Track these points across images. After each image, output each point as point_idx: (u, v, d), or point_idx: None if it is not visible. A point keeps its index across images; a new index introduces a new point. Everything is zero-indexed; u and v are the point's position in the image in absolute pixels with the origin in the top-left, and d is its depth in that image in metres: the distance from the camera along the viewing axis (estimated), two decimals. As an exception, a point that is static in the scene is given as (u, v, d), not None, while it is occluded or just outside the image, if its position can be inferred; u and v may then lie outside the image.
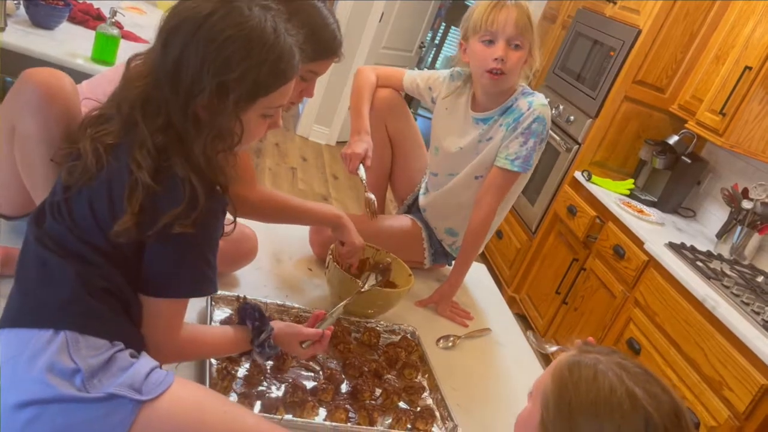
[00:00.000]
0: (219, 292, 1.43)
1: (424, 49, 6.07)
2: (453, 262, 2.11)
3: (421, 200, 2.02)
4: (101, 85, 1.42)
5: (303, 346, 1.25)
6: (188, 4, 0.98)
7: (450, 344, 1.69)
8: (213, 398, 1.03)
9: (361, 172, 1.79)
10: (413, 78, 1.98)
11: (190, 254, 1.02)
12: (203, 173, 0.98)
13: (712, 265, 2.52)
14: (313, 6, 1.40)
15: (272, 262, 1.76)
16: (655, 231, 2.81)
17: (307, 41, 1.39)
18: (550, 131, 3.58)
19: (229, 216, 1.10)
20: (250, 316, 1.19)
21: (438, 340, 1.68)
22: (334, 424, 1.22)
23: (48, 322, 0.95)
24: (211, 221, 1.02)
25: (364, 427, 1.25)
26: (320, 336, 1.26)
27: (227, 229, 1.10)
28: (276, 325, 1.22)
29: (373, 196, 1.81)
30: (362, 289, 1.54)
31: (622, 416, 0.84)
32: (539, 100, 1.80)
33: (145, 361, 0.98)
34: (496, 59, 1.70)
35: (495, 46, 1.71)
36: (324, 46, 1.42)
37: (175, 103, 0.98)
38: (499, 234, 3.96)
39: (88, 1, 2.92)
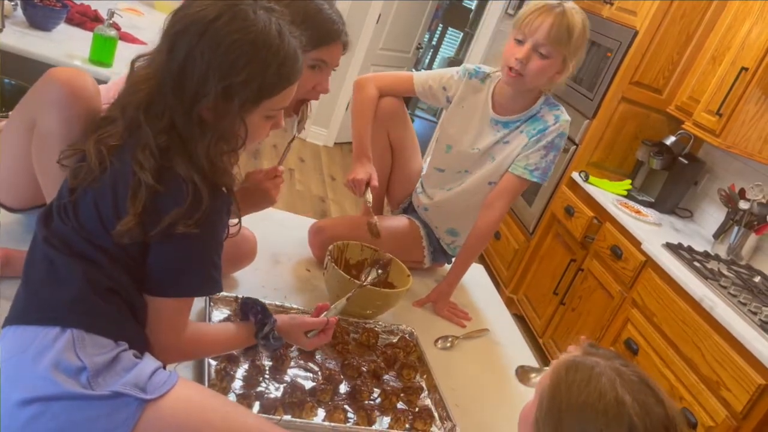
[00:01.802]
0: (220, 293, 1.44)
1: (421, 50, 6.07)
2: (452, 260, 2.12)
3: (423, 199, 2.02)
4: (111, 91, 1.42)
5: (308, 335, 1.26)
6: (193, 8, 0.99)
7: (448, 345, 1.69)
8: (215, 398, 1.04)
9: (368, 195, 1.79)
10: (424, 80, 1.94)
11: (195, 254, 1.02)
12: (206, 174, 0.99)
13: (709, 266, 2.53)
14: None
15: (271, 263, 1.76)
16: (652, 231, 2.82)
17: (305, 28, 1.40)
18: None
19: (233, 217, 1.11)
20: (252, 309, 1.19)
21: (436, 341, 1.68)
22: (332, 424, 1.22)
23: (54, 319, 0.95)
24: (215, 221, 1.02)
25: (363, 427, 1.25)
26: (325, 324, 1.27)
27: (232, 230, 1.11)
28: (279, 318, 1.23)
29: (376, 220, 1.80)
30: (363, 284, 1.54)
31: (606, 423, 0.84)
32: (565, 115, 1.83)
33: (149, 362, 0.99)
34: (516, 59, 1.71)
35: (521, 47, 1.72)
36: (323, 30, 1.42)
37: (179, 106, 0.98)
38: (497, 235, 3.97)
39: (85, 3, 2.91)
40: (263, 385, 1.27)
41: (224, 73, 0.97)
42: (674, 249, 2.60)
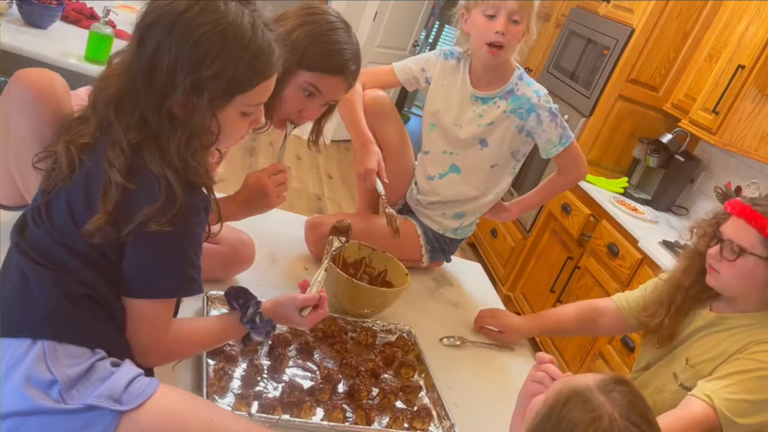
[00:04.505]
0: (215, 292, 1.43)
1: (418, 47, 6.06)
2: (451, 258, 2.11)
3: (428, 195, 2.00)
4: (82, 95, 1.41)
5: (302, 314, 1.20)
6: (164, 1, 0.97)
7: (458, 343, 1.69)
8: (198, 407, 1.00)
9: (379, 186, 1.77)
10: (403, 66, 1.98)
11: (170, 253, 1.00)
12: (180, 171, 0.97)
13: (705, 263, 2.53)
14: (328, 22, 1.40)
15: (268, 261, 1.75)
16: (649, 229, 2.82)
17: (310, 48, 1.37)
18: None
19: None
20: (234, 296, 1.15)
21: (442, 338, 1.68)
22: (331, 423, 1.22)
23: (26, 331, 0.93)
24: (191, 219, 0.99)
25: (362, 426, 1.25)
26: (318, 300, 1.21)
27: (214, 229, 1.08)
28: (268, 300, 1.19)
29: (394, 212, 1.79)
30: (333, 251, 1.51)
31: None
32: (543, 89, 1.89)
33: (127, 370, 0.96)
34: (497, 32, 1.75)
35: (496, 20, 1.75)
36: (327, 58, 1.39)
37: (150, 101, 0.96)
38: (493, 233, 3.97)
39: (81, 0, 2.90)
40: (262, 384, 1.26)
41: (193, 66, 0.94)
42: (671, 247, 2.61)
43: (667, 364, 1.52)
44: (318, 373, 1.36)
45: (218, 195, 1.15)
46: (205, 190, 1.02)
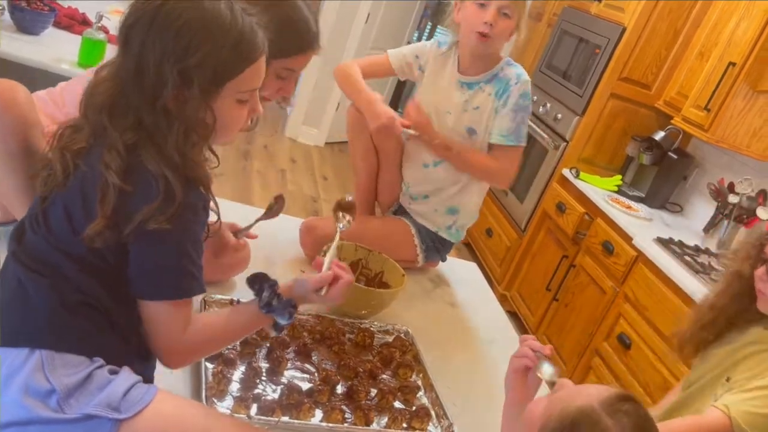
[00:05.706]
0: (214, 296, 1.44)
1: (410, 48, 6.09)
2: (446, 258, 2.12)
3: (417, 188, 2.00)
4: (42, 101, 1.39)
5: (320, 293, 1.16)
6: (141, 0, 0.97)
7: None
8: (196, 412, 1.01)
9: (405, 131, 1.84)
10: (398, 53, 2.01)
11: (171, 252, 0.99)
12: (179, 169, 0.96)
13: (699, 259, 2.55)
14: (287, 2, 1.39)
15: (265, 264, 1.75)
16: (643, 226, 2.84)
17: (281, 36, 1.38)
18: (538, 129, 3.63)
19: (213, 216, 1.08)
20: (251, 283, 1.13)
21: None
22: (330, 425, 1.23)
23: (24, 340, 0.93)
24: (190, 216, 0.99)
25: (361, 427, 1.25)
26: (332, 278, 1.16)
27: (212, 228, 1.08)
28: (285, 283, 1.15)
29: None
30: (342, 229, 1.47)
31: None
32: (525, 75, 1.90)
33: (125, 377, 0.96)
34: (485, 23, 1.78)
35: (487, 10, 1.79)
36: (298, 41, 1.40)
37: (143, 101, 0.96)
38: (489, 232, 3.98)
39: (73, 6, 2.90)
40: (260, 387, 1.27)
41: (179, 57, 0.94)
42: (665, 243, 2.62)
43: (711, 385, 1.43)
44: (316, 374, 1.36)
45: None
46: (203, 190, 1.02)
